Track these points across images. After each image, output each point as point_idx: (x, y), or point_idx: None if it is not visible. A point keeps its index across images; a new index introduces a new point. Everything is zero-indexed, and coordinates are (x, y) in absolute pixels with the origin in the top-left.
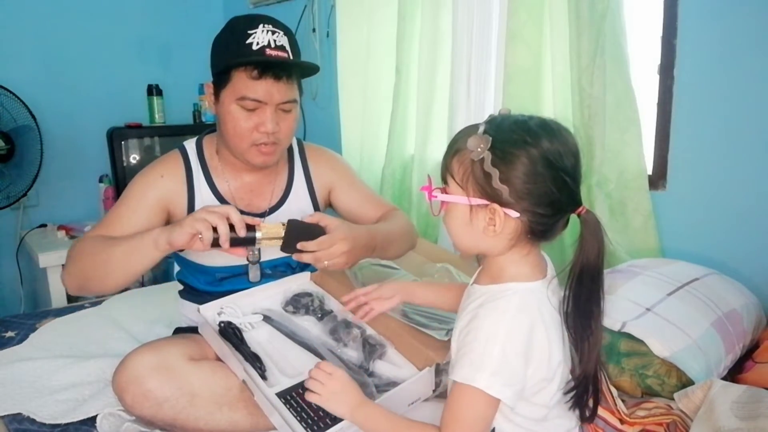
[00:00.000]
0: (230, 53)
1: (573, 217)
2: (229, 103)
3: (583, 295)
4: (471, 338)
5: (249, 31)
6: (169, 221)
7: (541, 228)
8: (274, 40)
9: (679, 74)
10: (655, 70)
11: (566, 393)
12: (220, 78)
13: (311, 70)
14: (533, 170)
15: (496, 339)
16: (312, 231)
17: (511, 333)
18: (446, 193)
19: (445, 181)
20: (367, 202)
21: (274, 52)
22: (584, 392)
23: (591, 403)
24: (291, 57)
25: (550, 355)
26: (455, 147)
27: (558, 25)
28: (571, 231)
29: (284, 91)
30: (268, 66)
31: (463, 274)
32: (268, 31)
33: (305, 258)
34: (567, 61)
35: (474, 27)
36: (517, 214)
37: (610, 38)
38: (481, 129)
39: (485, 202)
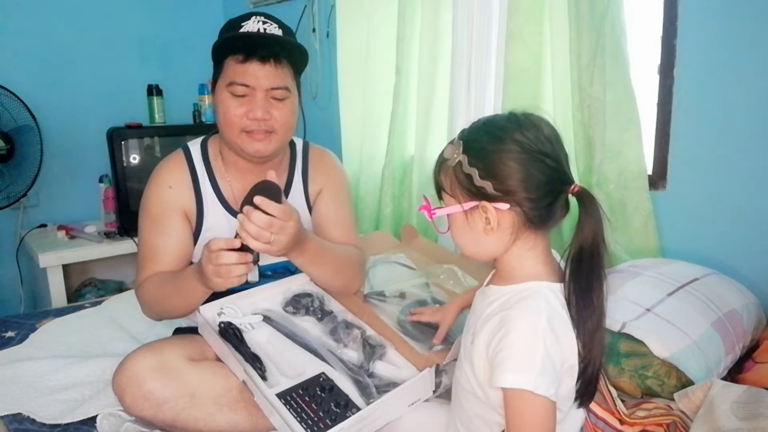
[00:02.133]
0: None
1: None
2: (221, 91)
3: (584, 273)
4: (509, 341)
5: (241, 23)
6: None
7: (536, 213)
8: (264, 29)
9: (679, 74)
10: (655, 70)
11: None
12: (216, 70)
13: (300, 54)
14: (508, 159)
15: (536, 337)
16: (272, 192)
17: (548, 330)
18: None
19: (441, 198)
20: (338, 224)
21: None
22: (590, 379)
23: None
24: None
25: (572, 352)
26: (439, 162)
27: (558, 25)
28: (568, 226)
29: (272, 76)
30: (252, 50)
31: (468, 276)
32: (259, 21)
33: (254, 218)
34: (567, 61)
35: (474, 27)
36: (507, 206)
37: (610, 38)
38: (455, 138)
39: (475, 202)
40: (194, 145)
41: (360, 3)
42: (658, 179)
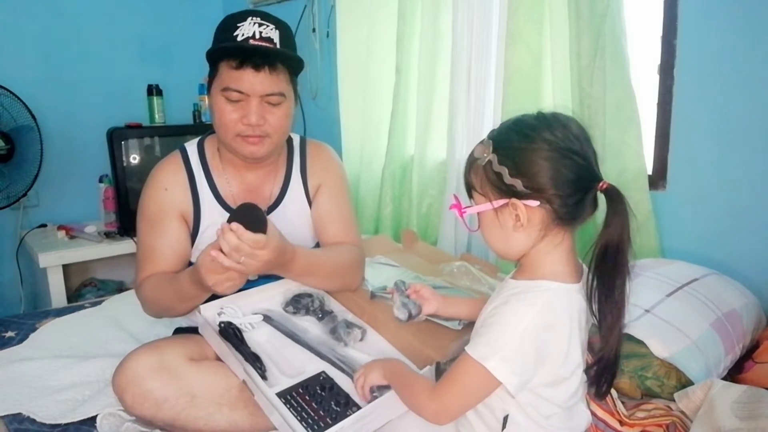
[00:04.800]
0: (216, 45)
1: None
2: (216, 94)
3: (608, 269)
4: (494, 321)
5: (238, 24)
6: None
7: (565, 210)
8: (260, 32)
9: (679, 74)
10: (655, 70)
11: (586, 370)
12: (211, 71)
13: (296, 62)
14: (537, 157)
15: (517, 328)
16: (256, 219)
17: (532, 326)
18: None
19: (471, 197)
20: (337, 220)
21: (257, 43)
22: (604, 369)
23: (608, 379)
24: (278, 46)
25: (567, 357)
26: (469, 162)
27: (558, 25)
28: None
29: (267, 83)
30: (247, 56)
31: (481, 273)
32: (255, 23)
33: (227, 238)
34: (567, 62)
35: (474, 27)
36: (537, 203)
37: (610, 38)
38: (485, 138)
39: (505, 200)
40: (191, 146)
41: (360, 3)
42: (658, 179)
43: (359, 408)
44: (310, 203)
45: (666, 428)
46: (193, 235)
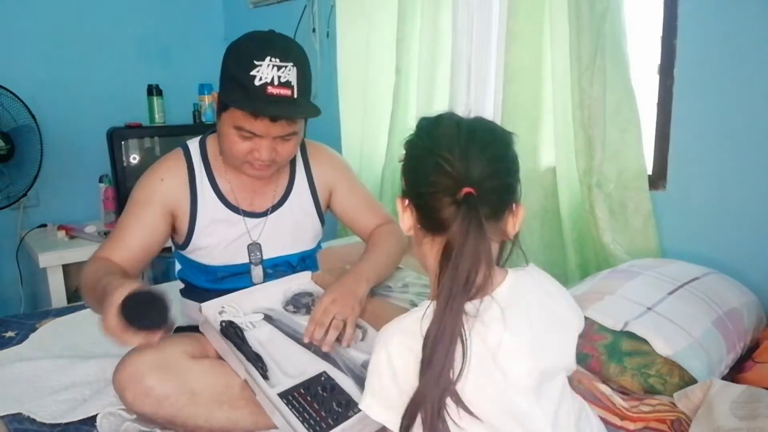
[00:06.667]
0: (233, 83)
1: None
2: (227, 126)
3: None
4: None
5: (255, 62)
6: (174, 224)
7: (420, 212)
8: (279, 77)
9: (679, 74)
10: (655, 71)
11: None
12: (222, 102)
13: (313, 109)
14: (410, 155)
15: None
16: (154, 307)
17: None
18: None
19: None
20: (366, 209)
21: (276, 90)
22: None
23: None
24: (295, 94)
25: None
26: None
27: (558, 25)
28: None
29: (282, 128)
30: (264, 112)
31: None
32: (274, 66)
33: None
34: (567, 62)
35: (474, 27)
36: (406, 201)
37: (610, 38)
38: None
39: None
40: (193, 144)
41: (360, 3)
42: (658, 179)
43: (361, 409)
44: (315, 201)
45: (671, 424)
46: (189, 232)
